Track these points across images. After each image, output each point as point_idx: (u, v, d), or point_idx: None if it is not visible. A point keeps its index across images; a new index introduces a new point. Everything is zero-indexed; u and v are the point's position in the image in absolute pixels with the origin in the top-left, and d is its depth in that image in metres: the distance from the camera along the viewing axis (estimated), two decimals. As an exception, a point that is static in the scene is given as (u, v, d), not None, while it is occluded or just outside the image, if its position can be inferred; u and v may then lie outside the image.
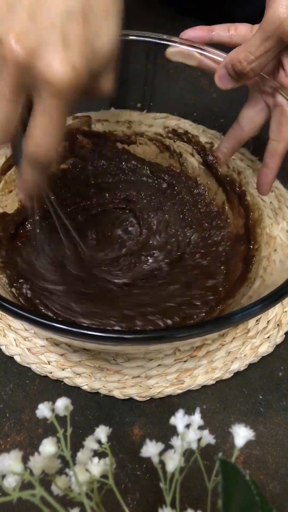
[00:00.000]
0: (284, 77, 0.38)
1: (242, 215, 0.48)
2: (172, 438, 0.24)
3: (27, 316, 0.28)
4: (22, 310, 0.28)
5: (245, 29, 0.39)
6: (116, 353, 0.40)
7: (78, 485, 0.23)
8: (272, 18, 0.33)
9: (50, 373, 0.39)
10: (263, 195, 0.43)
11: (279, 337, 0.42)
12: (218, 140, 0.48)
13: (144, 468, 0.35)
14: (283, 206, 0.45)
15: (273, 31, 0.33)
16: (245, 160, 0.49)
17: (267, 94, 0.39)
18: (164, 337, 0.28)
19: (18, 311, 0.28)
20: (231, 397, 0.39)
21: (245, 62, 0.35)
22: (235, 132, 0.43)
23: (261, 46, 0.34)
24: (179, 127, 0.51)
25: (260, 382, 0.40)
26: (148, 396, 0.38)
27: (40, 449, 0.23)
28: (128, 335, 0.28)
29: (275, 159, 0.39)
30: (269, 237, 0.44)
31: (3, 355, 0.40)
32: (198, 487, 0.34)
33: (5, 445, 0.36)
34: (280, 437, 0.37)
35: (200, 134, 0.51)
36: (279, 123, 0.38)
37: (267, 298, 0.30)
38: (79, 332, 0.27)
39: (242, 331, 0.42)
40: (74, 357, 0.39)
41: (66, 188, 0.50)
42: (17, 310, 0.28)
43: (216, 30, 0.40)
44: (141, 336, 0.28)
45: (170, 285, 0.44)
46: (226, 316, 0.29)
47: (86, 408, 0.38)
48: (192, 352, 0.40)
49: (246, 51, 0.35)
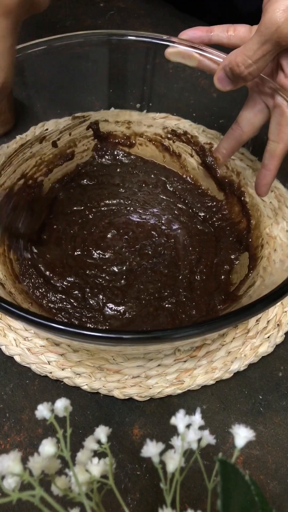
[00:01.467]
0: (283, 78, 0.38)
1: (242, 215, 0.48)
2: (172, 438, 0.24)
3: (27, 316, 0.28)
4: (21, 310, 0.28)
5: (244, 30, 0.39)
6: (116, 353, 0.40)
7: (78, 485, 0.23)
8: (269, 22, 0.33)
9: (50, 373, 0.39)
10: (261, 196, 0.43)
11: (279, 337, 0.42)
12: (218, 140, 0.48)
13: (144, 468, 0.35)
14: (283, 206, 0.45)
15: (270, 35, 0.33)
16: (245, 160, 0.49)
17: (267, 95, 0.39)
18: (162, 337, 0.28)
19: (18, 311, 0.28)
20: (231, 397, 0.39)
21: (242, 66, 0.35)
22: (234, 132, 0.43)
23: (258, 50, 0.34)
24: (178, 127, 0.51)
25: (260, 382, 0.40)
26: (148, 396, 0.38)
27: (39, 450, 0.23)
28: (127, 335, 0.28)
29: (274, 160, 0.39)
30: (269, 237, 0.44)
31: (3, 355, 0.40)
32: (198, 487, 0.34)
33: (5, 445, 0.36)
34: (280, 437, 0.37)
35: (200, 134, 0.51)
36: (279, 124, 0.38)
37: (266, 298, 0.30)
38: (78, 332, 0.27)
39: (242, 331, 0.42)
40: (74, 357, 0.39)
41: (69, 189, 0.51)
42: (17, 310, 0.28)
43: (214, 31, 0.40)
44: (140, 336, 0.28)
45: (169, 285, 0.44)
46: (225, 316, 0.29)
47: (86, 408, 0.38)
48: (192, 352, 0.40)
49: (243, 54, 0.35)
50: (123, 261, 0.45)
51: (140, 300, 0.42)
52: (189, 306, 0.42)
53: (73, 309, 0.42)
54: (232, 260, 0.46)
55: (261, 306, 0.30)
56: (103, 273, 0.44)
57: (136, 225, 0.48)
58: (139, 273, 0.44)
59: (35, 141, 0.48)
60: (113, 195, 0.51)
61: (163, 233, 0.48)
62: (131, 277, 0.44)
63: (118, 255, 0.46)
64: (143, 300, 0.42)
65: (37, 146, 0.48)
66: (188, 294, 0.43)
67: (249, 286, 0.41)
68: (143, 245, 0.47)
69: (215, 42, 0.40)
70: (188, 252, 0.46)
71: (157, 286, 0.44)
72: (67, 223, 0.48)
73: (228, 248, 0.47)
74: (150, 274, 0.44)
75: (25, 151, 0.47)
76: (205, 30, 0.41)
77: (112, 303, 0.42)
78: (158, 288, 0.43)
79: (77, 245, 0.46)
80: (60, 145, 0.50)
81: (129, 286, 0.43)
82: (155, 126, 0.52)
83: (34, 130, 0.51)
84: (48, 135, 0.49)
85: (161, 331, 0.30)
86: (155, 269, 0.45)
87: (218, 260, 0.46)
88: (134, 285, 0.43)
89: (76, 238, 0.47)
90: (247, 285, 0.41)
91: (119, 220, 0.49)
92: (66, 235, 0.47)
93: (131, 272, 0.44)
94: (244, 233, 0.47)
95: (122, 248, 0.46)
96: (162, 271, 0.45)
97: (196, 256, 0.46)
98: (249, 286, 0.41)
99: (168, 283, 0.44)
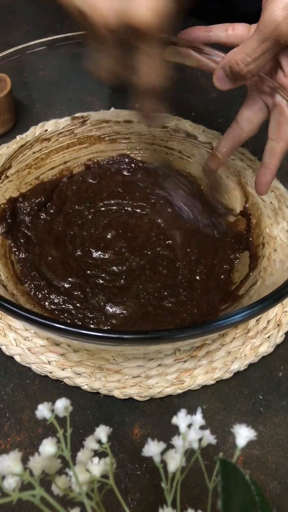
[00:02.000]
0: (282, 77, 0.38)
1: (242, 215, 0.48)
2: (173, 438, 0.24)
3: (27, 316, 0.28)
4: (22, 310, 0.28)
5: (243, 29, 0.39)
6: (117, 353, 0.40)
7: (78, 485, 0.23)
8: (268, 20, 0.33)
9: (50, 373, 0.39)
10: (261, 195, 0.43)
11: (279, 337, 0.42)
12: (218, 140, 0.48)
13: (145, 468, 0.35)
14: (283, 206, 0.45)
15: (269, 33, 0.33)
16: (245, 160, 0.49)
17: (266, 94, 0.39)
18: (163, 337, 0.28)
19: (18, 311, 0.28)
20: (231, 397, 0.39)
21: (242, 64, 0.35)
22: (233, 132, 0.43)
23: (257, 48, 0.34)
24: (178, 127, 0.51)
25: (260, 382, 0.40)
26: (148, 396, 0.38)
27: (40, 449, 0.23)
28: (128, 335, 0.28)
29: (274, 159, 0.39)
30: (269, 237, 0.44)
31: (3, 355, 0.40)
32: (198, 487, 0.34)
33: (5, 445, 0.36)
34: (280, 437, 0.37)
35: (200, 134, 0.51)
36: (278, 123, 0.38)
37: (267, 299, 0.30)
38: (78, 332, 0.27)
39: (242, 331, 0.42)
40: (74, 357, 0.39)
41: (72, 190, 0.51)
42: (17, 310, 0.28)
43: (213, 30, 0.40)
44: (140, 337, 0.28)
45: (169, 285, 0.44)
46: (226, 317, 0.29)
47: (86, 408, 0.38)
48: (192, 352, 0.40)
49: (243, 53, 0.35)
50: (122, 261, 0.45)
51: (139, 299, 0.42)
52: (189, 305, 0.42)
53: (75, 310, 0.42)
54: (232, 260, 0.46)
55: (262, 307, 0.30)
56: (103, 273, 0.44)
57: (135, 225, 0.48)
58: (138, 273, 0.44)
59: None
60: (112, 195, 0.51)
61: (161, 233, 0.48)
62: (131, 277, 0.44)
63: (118, 256, 0.46)
64: (142, 299, 0.42)
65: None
66: (188, 293, 0.43)
67: (251, 285, 0.41)
68: (142, 245, 0.47)
69: (214, 41, 0.41)
70: (187, 252, 0.46)
71: (156, 286, 0.44)
72: (67, 223, 0.48)
73: (228, 248, 0.47)
74: (150, 274, 0.44)
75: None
76: (204, 30, 0.41)
77: (112, 303, 0.42)
78: (157, 288, 0.43)
79: (77, 246, 0.46)
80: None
81: (128, 286, 0.43)
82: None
83: (34, 130, 0.51)
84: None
85: (162, 331, 0.30)
86: (155, 270, 0.45)
87: (218, 259, 0.46)
88: (134, 285, 0.43)
89: (76, 238, 0.47)
90: (248, 285, 0.41)
91: (118, 220, 0.49)
92: (66, 236, 0.47)
93: (130, 272, 0.44)
94: (244, 232, 0.47)
95: (122, 248, 0.46)
96: (161, 271, 0.45)
97: (196, 256, 0.46)
98: (250, 285, 0.41)
99: (167, 283, 0.44)
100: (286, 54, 0.37)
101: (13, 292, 0.40)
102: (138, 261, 0.45)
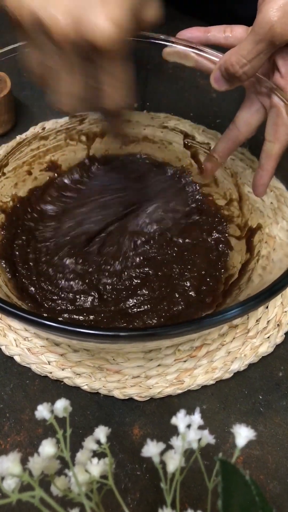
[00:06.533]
0: (279, 78, 0.38)
1: (241, 215, 0.48)
2: (172, 438, 0.24)
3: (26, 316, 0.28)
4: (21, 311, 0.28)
5: (241, 30, 0.39)
6: (116, 352, 0.40)
7: (77, 485, 0.23)
8: (263, 21, 0.33)
9: (50, 373, 0.39)
10: (258, 197, 0.43)
11: (279, 337, 0.42)
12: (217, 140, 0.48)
13: (144, 468, 0.35)
14: (283, 205, 0.45)
15: (264, 34, 0.33)
16: (245, 160, 0.49)
17: (263, 95, 0.39)
18: (159, 333, 0.29)
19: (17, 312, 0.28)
20: (231, 397, 0.39)
21: (237, 65, 0.35)
22: (231, 133, 0.43)
23: (253, 50, 0.34)
24: (178, 127, 0.51)
25: (260, 382, 0.40)
26: (148, 396, 0.38)
27: (39, 450, 0.23)
28: (124, 332, 0.28)
29: (271, 160, 0.39)
30: (269, 237, 0.44)
31: (3, 355, 0.40)
32: (198, 487, 0.34)
33: (5, 445, 0.36)
34: (280, 437, 0.37)
35: (200, 134, 0.51)
36: (275, 124, 0.38)
37: (261, 294, 0.30)
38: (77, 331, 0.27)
39: (242, 331, 0.42)
40: (74, 357, 0.39)
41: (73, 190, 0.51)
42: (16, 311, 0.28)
43: (212, 31, 0.40)
44: (137, 334, 0.28)
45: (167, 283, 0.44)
46: (221, 312, 0.29)
47: (86, 408, 0.38)
48: (192, 352, 0.40)
49: (238, 54, 0.35)
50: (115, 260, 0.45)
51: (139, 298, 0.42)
52: (183, 301, 0.42)
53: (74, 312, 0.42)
54: (229, 255, 0.46)
55: (256, 303, 0.30)
56: (99, 273, 0.44)
57: (132, 224, 0.48)
58: (133, 272, 0.44)
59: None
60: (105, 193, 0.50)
61: (156, 231, 0.47)
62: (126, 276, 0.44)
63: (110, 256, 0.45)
64: (142, 298, 0.42)
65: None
66: (182, 290, 0.43)
67: (247, 282, 0.41)
68: (136, 244, 0.46)
69: (213, 42, 0.41)
70: (181, 249, 0.46)
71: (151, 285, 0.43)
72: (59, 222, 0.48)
73: (224, 244, 0.47)
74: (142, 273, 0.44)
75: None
76: (203, 31, 0.41)
77: (112, 302, 0.42)
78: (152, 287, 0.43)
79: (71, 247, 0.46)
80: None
81: (124, 285, 0.43)
82: (154, 126, 0.52)
83: (34, 130, 0.51)
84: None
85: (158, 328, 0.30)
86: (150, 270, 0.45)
87: (214, 256, 0.46)
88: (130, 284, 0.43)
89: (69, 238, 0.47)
90: (244, 281, 0.41)
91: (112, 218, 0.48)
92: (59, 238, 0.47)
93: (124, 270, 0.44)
94: (244, 232, 0.47)
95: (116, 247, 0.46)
96: (156, 270, 0.45)
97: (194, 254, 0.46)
98: (246, 282, 0.41)
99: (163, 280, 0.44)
100: (282, 55, 0.37)
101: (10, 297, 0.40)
102: (132, 260, 0.45)
